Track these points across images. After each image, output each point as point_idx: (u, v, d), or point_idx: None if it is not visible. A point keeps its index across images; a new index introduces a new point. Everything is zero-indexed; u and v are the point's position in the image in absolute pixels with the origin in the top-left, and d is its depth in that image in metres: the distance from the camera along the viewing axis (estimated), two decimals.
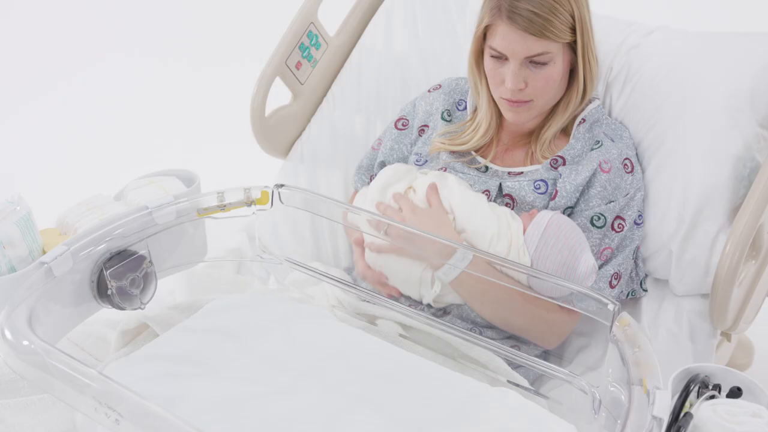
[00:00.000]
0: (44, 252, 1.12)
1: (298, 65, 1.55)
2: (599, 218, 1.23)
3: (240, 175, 1.48)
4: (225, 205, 1.27)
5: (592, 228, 1.22)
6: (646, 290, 1.32)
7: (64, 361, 0.90)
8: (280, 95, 1.57)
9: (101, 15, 3.45)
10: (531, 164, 1.30)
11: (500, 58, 1.19)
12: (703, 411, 0.80)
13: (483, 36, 1.23)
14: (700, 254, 1.25)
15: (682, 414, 0.81)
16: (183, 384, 1.06)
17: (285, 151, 1.62)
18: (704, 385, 0.86)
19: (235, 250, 1.49)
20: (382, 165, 1.40)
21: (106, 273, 1.14)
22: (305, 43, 1.55)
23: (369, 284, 1.30)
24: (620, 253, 1.24)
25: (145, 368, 1.09)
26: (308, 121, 1.62)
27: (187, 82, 3.01)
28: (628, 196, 1.25)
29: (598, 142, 1.26)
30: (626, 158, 1.26)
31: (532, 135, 1.32)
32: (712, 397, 0.84)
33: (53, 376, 0.91)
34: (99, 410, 0.88)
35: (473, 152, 1.33)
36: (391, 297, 1.27)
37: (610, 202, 1.23)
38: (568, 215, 1.26)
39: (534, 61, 1.17)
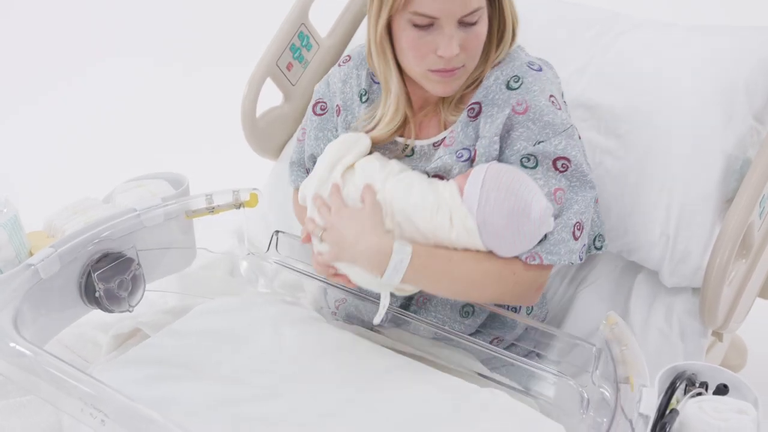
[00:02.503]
0: (31, 254, 1.12)
1: (289, 66, 1.55)
2: (529, 159, 1.09)
3: (231, 177, 1.48)
4: (213, 208, 1.27)
5: (523, 170, 1.09)
6: (599, 248, 1.18)
7: (51, 363, 0.90)
8: (271, 96, 1.57)
9: (100, 14, 3.46)
10: (445, 128, 1.17)
11: (426, 26, 1.04)
12: (689, 408, 0.79)
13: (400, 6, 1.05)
14: (693, 245, 1.25)
15: (668, 411, 0.80)
16: (171, 386, 1.06)
17: (276, 152, 1.62)
18: (691, 383, 0.85)
19: (226, 253, 1.48)
20: (313, 159, 1.25)
21: (94, 275, 1.14)
22: (296, 44, 1.55)
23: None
24: (577, 196, 1.09)
25: (133, 371, 1.09)
26: (299, 122, 1.62)
27: (177, 84, 3.01)
28: (566, 132, 1.10)
29: (518, 78, 1.10)
30: (551, 95, 1.11)
31: (439, 99, 1.17)
32: (699, 394, 0.83)
33: (40, 378, 0.91)
34: (85, 411, 0.87)
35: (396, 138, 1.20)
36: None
37: (540, 142, 1.08)
38: None
39: (465, 22, 1.04)
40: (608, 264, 1.39)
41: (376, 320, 1.08)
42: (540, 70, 1.12)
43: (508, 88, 1.10)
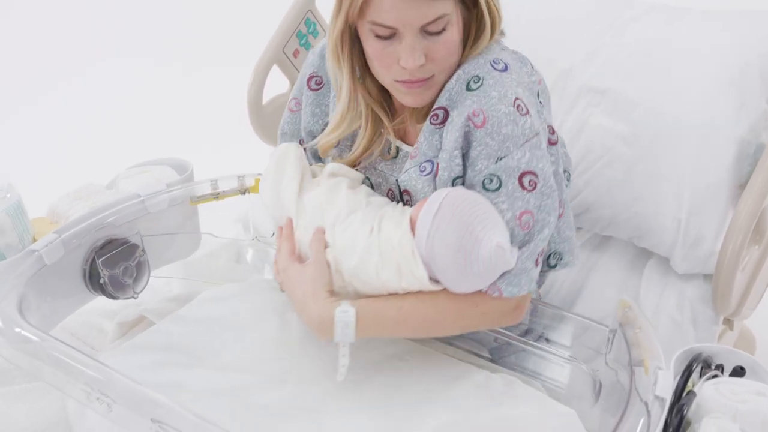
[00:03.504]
0: (35, 240, 1.10)
1: (296, 53, 1.54)
2: (491, 180, 0.98)
3: (238, 165, 1.46)
4: (218, 193, 1.26)
5: (486, 193, 0.99)
6: (553, 266, 1.08)
7: (58, 348, 0.89)
8: (277, 84, 1.56)
9: (100, 13, 3.46)
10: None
11: (388, 37, 0.96)
12: (705, 390, 0.78)
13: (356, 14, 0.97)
14: (706, 230, 1.23)
15: (684, 393, 0.79)
16: (176, 372, 1.05)
17: None
18: (707, 365, 0.84)
19: (231, 241, 1.47)
20: (311, 134, 1.19)
21: (98, 261, 1.13)
22: (303, 31, 1.53)
23: None
24: (550, 217, 0.99)
25: (139, 357, 1.08)
26: None
27: (184, 72, 3.01)
28: (530, 143, 0.98)
29: (478, 78, 1.00)
30: (516, 98, 0.98)
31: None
32: (715, 376, 0.82)
33: (46, 363, 0.90)
34: (91, 396, 0.86)
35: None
36: None
37: (501, 158, 0.98)
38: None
39: (429, 30, 0.95)
40: (618, 251, 1.37)
41: (339, 378, 1.01)
42: (504, 69, 1.00)
43: (468, 89, 1.00)
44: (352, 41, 1.02)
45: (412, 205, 1.08)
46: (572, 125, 1.33)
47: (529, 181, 0.97)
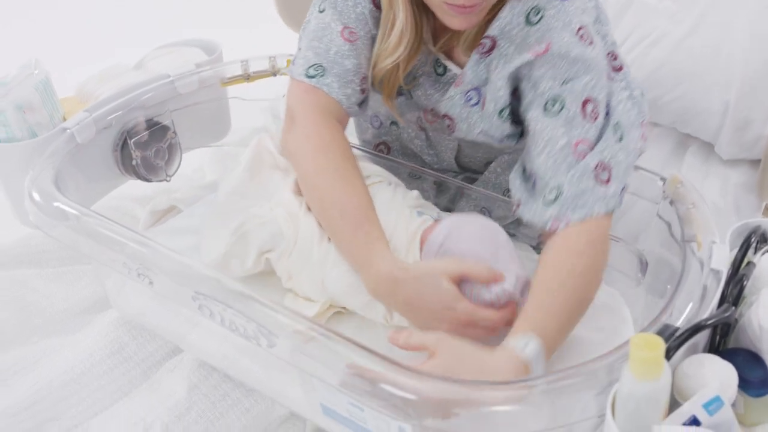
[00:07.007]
0: (65, 120, 1.08)
1: None
2: (554, 102, 0.89)
3: (265, 49, 1.41)
4: (249, 75, 1.22)
5: (545, 118, 0.89)
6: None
7: (100, 222, 0.87)
8: None
9: None
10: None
11: None
12: (764, 262, 0.76)
13: None
14: (756, 113, 1.19)
15: (744, 264, 0.77)
16: None
17: None
18: (763, 240, 0.81)
19: (261, 129, 1.44)
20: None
21: (130, 142, 1.10)
22: None
23: None
24: (604, 153, 0.88)
25: (172, 240, 1.07)
26: None
27: None
28: (597, 71, 0.89)
29: (538, 10, 0.90)
30: (581, 27, 0.90)
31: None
32: None
33: (85, 237, 0.88)
34: (133, 270, 0.85)
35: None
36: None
37: (569, 80, 0.89)
38: (506, 118, 0.96)
39: None
40: (660, 137, 1.33)
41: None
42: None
43: (528, 22, 0.90)
44: None
45: (453, 130, 1.01)
46: (616, 2, 1.27)
47: (592, 110, 0.88)
